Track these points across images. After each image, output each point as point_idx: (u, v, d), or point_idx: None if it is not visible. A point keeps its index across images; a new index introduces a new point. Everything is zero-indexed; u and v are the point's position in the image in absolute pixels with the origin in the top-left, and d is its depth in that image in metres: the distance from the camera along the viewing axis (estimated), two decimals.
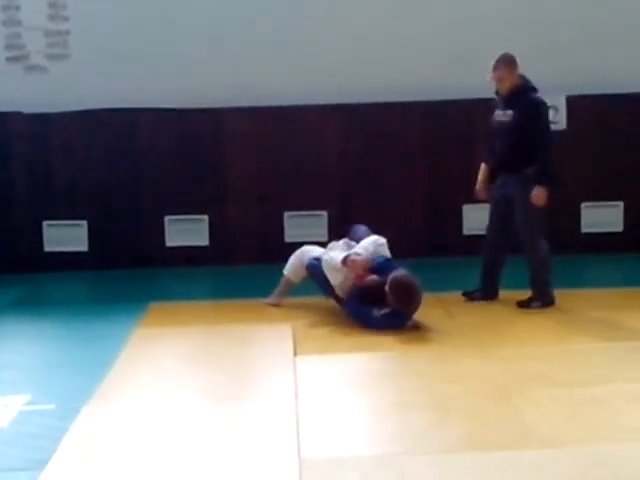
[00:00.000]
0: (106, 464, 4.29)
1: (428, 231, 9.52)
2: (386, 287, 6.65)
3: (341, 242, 7.38)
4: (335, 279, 7.02)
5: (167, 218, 9.53)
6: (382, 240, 7.17)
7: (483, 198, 7.58)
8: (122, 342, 6.45)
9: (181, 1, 9.47)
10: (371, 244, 7.12)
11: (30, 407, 5.18)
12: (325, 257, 7.17)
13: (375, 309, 6.73)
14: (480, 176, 7.57)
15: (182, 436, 4.65)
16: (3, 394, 5.40)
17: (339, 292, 7.05)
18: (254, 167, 9.53)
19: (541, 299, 7.24)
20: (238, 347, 6.37)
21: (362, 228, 7.46)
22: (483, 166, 7.58)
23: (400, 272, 6.74)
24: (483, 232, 7.63)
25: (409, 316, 6.70)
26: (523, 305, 7.22)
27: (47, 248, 9.48)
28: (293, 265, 7.54)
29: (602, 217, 9.55)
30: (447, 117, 9.50)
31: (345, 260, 6.95)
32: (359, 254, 6.99)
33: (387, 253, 7.12)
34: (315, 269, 7.24)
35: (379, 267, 6.93)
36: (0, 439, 4.71)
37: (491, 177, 7.49)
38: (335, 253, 7.13)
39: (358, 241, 7.24)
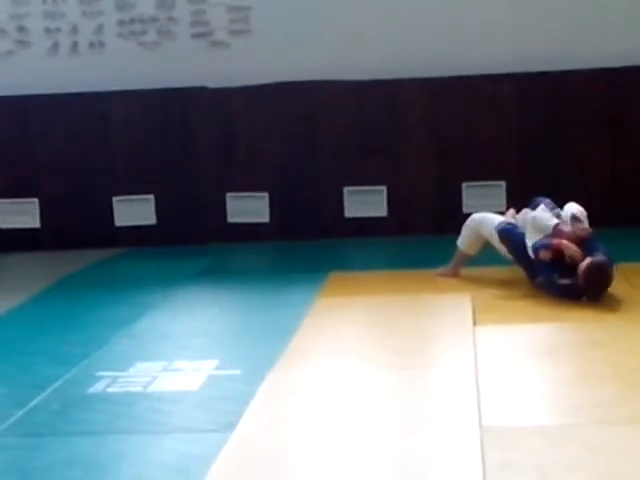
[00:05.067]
0: (291, 428, 4.40)
1: (611, 201, 9.30)
2: (580, 268, 6.47)
3: (543, 205, 7.06)
4: (533, 239, 6.85)
5: (346, 189, 9.65)
6: (585, 213, 6.93)
7: None
8: (303, 310, 6.56)
9: None
10: (580, 214, 6.90)
11: (218, 372, 5.35)
12: (535, 214, 6.94)
13: (557, 274, 6.62)
14: None
15: (363, 404, 4.72)
16: (193, 359, 5.60)
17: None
18: (430, 137, 9.53)
19: None
20: (417, 316, 6.40)
21: (546, 200, 7.19)
22: None
23: (600, 257, 6.54)
24: None
25: (592, 298, 6.52)
26: None
27: (230, 219, 9.76)
28: (467, 237, 7.46)
29: None
30: (630, 86, 9.25)
31: (555, 227, 6.80)
32: (579, 220, 6.80)
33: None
34: (510, 233, 7.06)
35: (584, 242, 6.76)
36: (191, 402, 4.90)
37: None
38: (548, 215, 6.90)
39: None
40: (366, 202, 9.64)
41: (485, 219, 7.40)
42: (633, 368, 5.04)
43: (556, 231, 6.78)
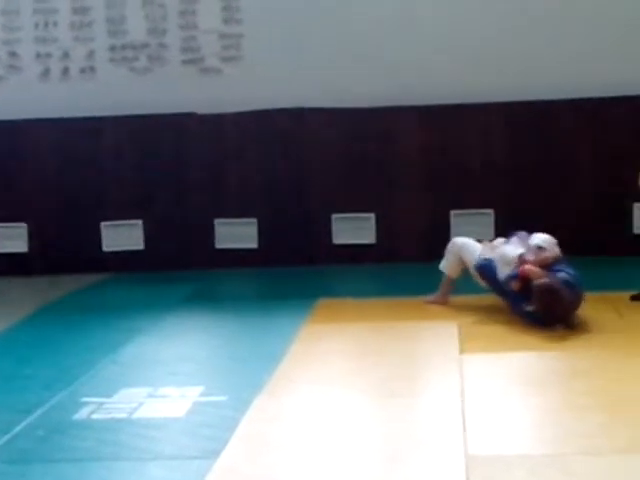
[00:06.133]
0: (276, 456, 4.40)
1: (596, 230, 9.32)
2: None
3: (515, 237, 7.22)
4: (503, 273, 6.96)
5: (334, 216, 9.66)
6: (554, 241, 7.00)
7: None
8: (291, 337, 6.57)
9: (351, 3, 9.57)
10: (543, 242, 6.97)
11: (204, 398, 5.35)
12: (501, 250, 7.11)
13: (525, 302, 6.65)
14: None
15: (349, 431, 4.73)
16: (179, 385, 5.59)
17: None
18: (418, 165, 9.56)
19: None
20: (404, 344, 6.41)
21: (522, 234, 7.22)
22: None
23: (550, 279, 6.60)
24: None
25: (553, 323, 6.54)
26: None
27: (218, 245, 9.76)
28: (449, 260, 7.54)
29: None
30: (616, 115, 9.31)
31: (520, 257, 6.89)
32: (544, 249, 6.88)
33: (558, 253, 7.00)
34: (486, 269, 7.17)
35: (550, 268, 6.82)
36: (177, 428, 4.90)
37: None
38: (511, 247, 7.06)
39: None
40: (355, 229, 9.65)
41: (467, 246, 7.48)
42: (617, 398, 5.06)
43: (520, 260, 6.89)
